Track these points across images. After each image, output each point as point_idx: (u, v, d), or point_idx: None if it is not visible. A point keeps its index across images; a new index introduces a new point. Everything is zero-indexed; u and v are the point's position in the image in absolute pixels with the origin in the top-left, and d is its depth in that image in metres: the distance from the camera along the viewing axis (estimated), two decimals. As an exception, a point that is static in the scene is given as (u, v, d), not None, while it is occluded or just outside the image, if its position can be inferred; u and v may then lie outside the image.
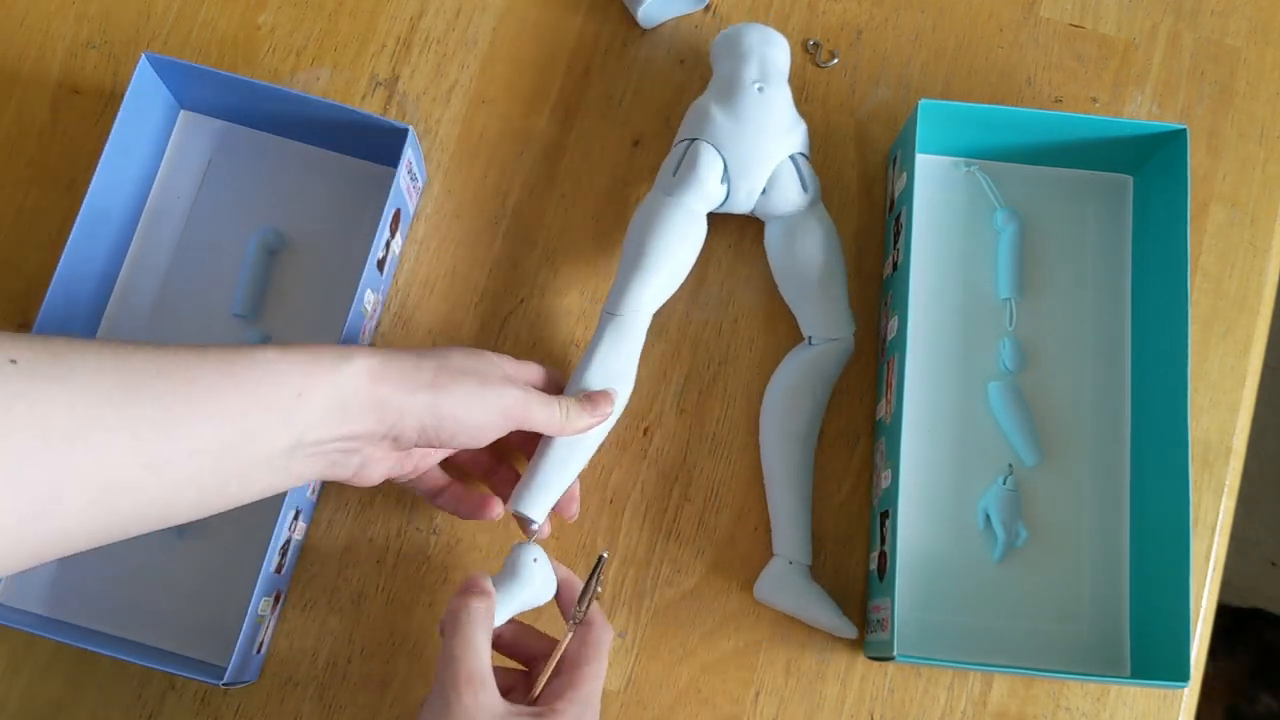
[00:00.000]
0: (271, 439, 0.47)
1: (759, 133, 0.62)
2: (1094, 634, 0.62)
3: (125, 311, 0.65)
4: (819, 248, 0.63)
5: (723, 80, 0.64)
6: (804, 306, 0.64)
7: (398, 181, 0.61)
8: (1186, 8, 0.71)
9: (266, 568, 0.56)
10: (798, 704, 0.62)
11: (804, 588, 0.61)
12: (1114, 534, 0.63)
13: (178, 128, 0.67)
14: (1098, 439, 0.65)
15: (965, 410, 0.65)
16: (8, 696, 0.60)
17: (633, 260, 0.61)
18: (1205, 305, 0.68)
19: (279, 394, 0.47)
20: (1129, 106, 0.70)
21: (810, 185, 0.63)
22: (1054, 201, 0.68)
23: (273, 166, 0.67)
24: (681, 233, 0.61)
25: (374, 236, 0.59)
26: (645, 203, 0.62)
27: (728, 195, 0.62)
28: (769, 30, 0.65)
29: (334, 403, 0.49)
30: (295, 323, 0.65)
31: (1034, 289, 0.67)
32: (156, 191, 0.66)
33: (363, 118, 0.62)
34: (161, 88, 0.64)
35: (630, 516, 0.64)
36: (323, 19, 0.70)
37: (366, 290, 0.60)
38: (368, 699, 0.61)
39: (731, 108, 0.62)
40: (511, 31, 0.70)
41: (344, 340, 0.58)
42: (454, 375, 0.53)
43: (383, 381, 0.50)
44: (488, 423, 0.54)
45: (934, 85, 0.70)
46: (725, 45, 0.65)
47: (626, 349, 0.61)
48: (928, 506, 0.63)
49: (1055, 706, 0.62)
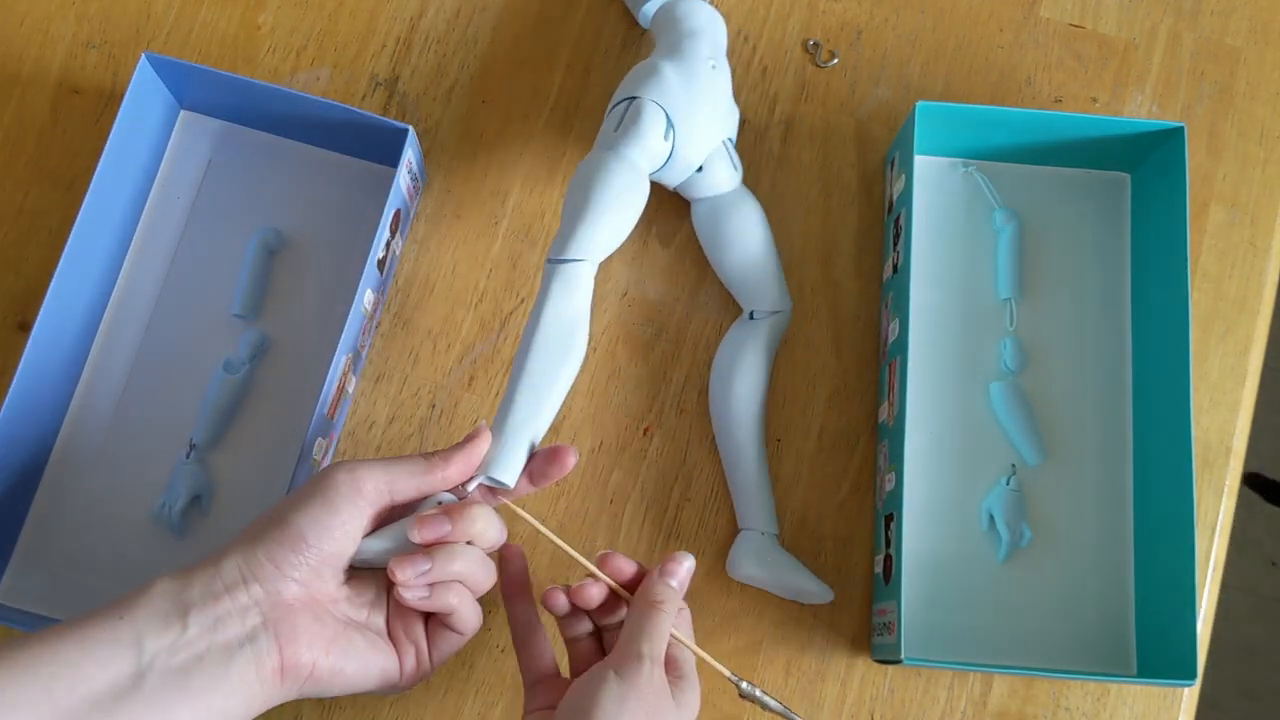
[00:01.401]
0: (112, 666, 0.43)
1: (711, 108, 0.62)
2: (1099, 633, 0.62)
3: (125, 312, 0.65)
4: (755, 226, 0.64)
5: (673, 48, 0.63)
6: (743, 283, 0.64)
7: (398, 181, 0.61)
8: (1186, 8, 0.71)
9: None
10: (798, 704, 0.62)
11: (776, 557, 0.61)
12: (1118, 532, 0.63)
13: (178, 128, 0.67)
14: (1100, 438, 0.65)
15: (967, 411, 0.65)
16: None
17: (577, 209, 0.58)
18: (1205, 305, 0.67)
19: (94, 634, 0.44)
20: (1129, 106, 0.70)
21: (739, 167, 0.64)
22: (1052, 201, 0.68)
23: (273, 166, 0.67)
24: (626, 183, 0.58)
25: (374, 236, 0.59)
26: (586, 159, 0.60)
27: (670, 158, 0.61)
28: (716, 12, 0.66)
29: (168, 602, 0.45)
30: (295, 323, 0.65)
31: (1034, 289, 0.67)
32: (156, 191, 0.66)
33: (363, 118, 0.62)
34: (161, 88, 0.64)
35: (630, 516, 0.64)
36: (323, 19, 0.70)
37: (366, 290, 0.60)
38: (368, 699, 0.61)
39: (687, 77, 0.61)
40: (511, 31, 0.70)
41: (343, 340, 0.58)
42: (294, 515, 0.47)
43: (206, 566, 0.47)
44: (353, 527, 0.48)
45: (934, 85, 0.70)
46: (673, 13, 0.65)
47: (579, 298, 0.57)
48: (932, 508, 0.63)
49: (1055, 706, 0.62)
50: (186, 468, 0.62)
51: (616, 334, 0.66)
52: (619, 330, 0.66)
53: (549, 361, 0.55)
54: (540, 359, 0.55)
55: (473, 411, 0.65)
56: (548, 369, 0.55)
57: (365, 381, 0.65)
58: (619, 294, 0.67)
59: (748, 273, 0.64)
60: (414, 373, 0.65)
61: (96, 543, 0.62)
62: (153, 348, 0.64)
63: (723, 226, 0.64)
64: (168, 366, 0.64)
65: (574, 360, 0.56)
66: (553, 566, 0.63)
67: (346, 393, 0.62)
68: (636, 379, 0.66)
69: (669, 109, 0.60)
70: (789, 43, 0.70)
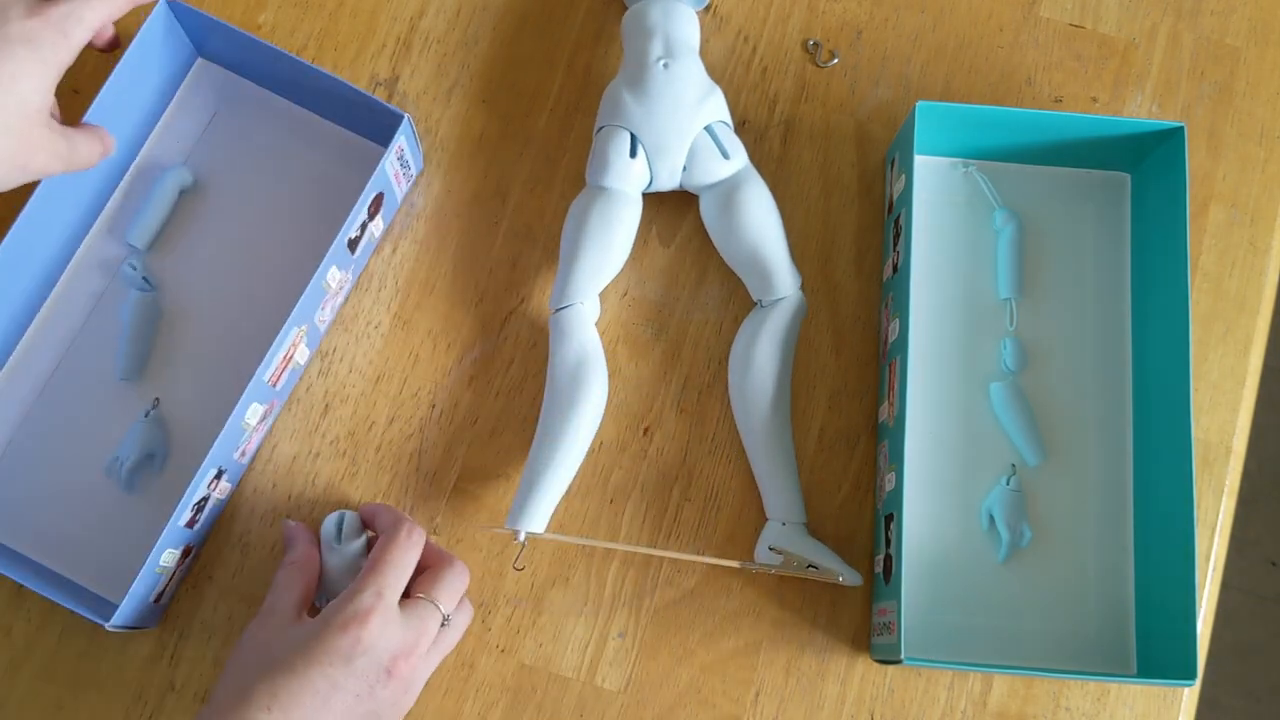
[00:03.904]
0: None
1: (672, 109, 0.62)
2: (1100, 633, 0.62)
3: (103, 251, 0.66)
4: (751, 211, 0.63)
5: (630, 61, 0.64)
6: (747, 271, 0.64)
7: (384, 165, 0.61)
8: (1186, 8, 0.71)
9: (174, 520, 0.56)
10: (798, 704, 0.62)
11: (805, 546, 0.61)
12: (1118, 532, 0.63)
13: (191, 75, 0.68)
14: (1100, 437, 0.65)
15: (967, 411, 0.65)
16: (7, 698, 0.60)
17: (563, 255, 0.63)
18: (1205, 305, 0.68)
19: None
20: (1129, 106, 0.70)
21: (732, 151, 0.63)
22: (1052, 201, 0.68)
23: (275, 129, 0.68)
24: (601, 216, 0.62)
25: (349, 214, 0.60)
26: (575, 200, 0.64)
27: (651, 174, 0.63)
28: (672, 4, 0.65)
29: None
30: (265, 287, 0.65)
31: (1034, 289, 0.67)
32: (158, 133, 0.67)
33: (365, 98, 0.62)
34: (179, 31, 0.65)
35: (630, 516, 0.64)
36: (323, 19, 0.70)
37: (331, 266, 0.60)
38: (368, 699, 0.61)
39: (639, 89, 0.63)
40: (511, 31, 0.70)
41: (296, 312, 0.58)
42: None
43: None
44: None
45: (934, 85, 0.70)
46: (631, 24, 0.65)
47: (579, 339, 0.61)
48: (932, 508, 0.63)
49: (1055, 706, 0.62)
50: (144, 425, 0.62)
51: (616, 334, 0.66)
52: (619, 330, 0.66)
53: (561, 410, 0.60)
54: (553, 410, 0.60)
55: (473, 411, 0.65)
56: (562, 418, 0.60)
57: (365, 382, 0.65)
58: (619, 294, 0.67)
59: (748, 260, 0.63)
60: (414, 373, 0.65)
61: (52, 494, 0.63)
62: (115, 297, 0.65)
63: (724, 215, 0.63)
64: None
65: (588, 400, 0.60)
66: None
67: (297, 364, 0.63)
68: (636, 379, 0.66)
69: (630, 127, 0.62)
70: (789, 43, 0.70)
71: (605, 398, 0.61)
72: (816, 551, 0.61)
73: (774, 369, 0.62)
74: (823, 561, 0.60)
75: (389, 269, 0.67)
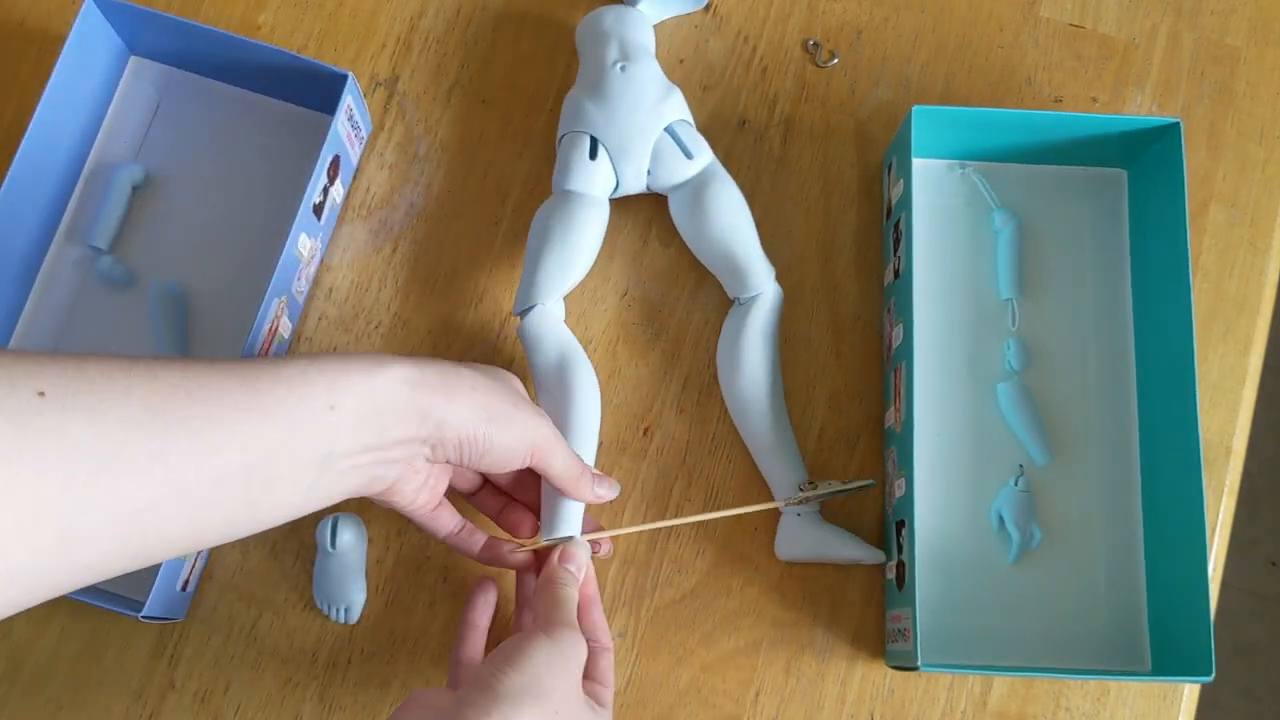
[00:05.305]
0: (302, 457, 0.46)
1: (630, 112, 0.62)
2: (1113, 631, 0.62)
3: (68, 256, 0.66)
4: (719, 209, 0.63)
5: (587, 68, 0.65)
6: (720, 270, 0.64)
7: (335, 127, 0.61)
8: (1186, 8, 0.71)
9: None
10: (798, 704, 0.62)
11: (821, 532, 0.61)
12: (1128, 529, 0.63)
13: (127, 73, 0.68)
14: (1106, 435, 0.65)
15: (974, 413, 0.65)
16: (8, 697, 0.60)
17: (528, 257, 0.63)
18: (1205, 305, 0.68)
19: (309, 410, 0.46)
20: (1129, 106, 0.70)
21: (695, 150, 0.63)
22: (1050, 200, 0.68)
23: (221, 114, 0.68)
24: (563, 220, 0.62)
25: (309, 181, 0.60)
26: None
27: (617, 177, 0.63)
28: (624, 9, 0.66)
29: (368, 412, 0.47)
30: (236, 269, 0.65)
31: (1035, 288, 0.67)
32: (103, 136, 0.67)
33: (305, 63, 0.62)
34: (110, 31, 0.65)
35: (630, 516, 0.64)
36: (323, 19, 0.70)
37: (301, 234, 0.60)
38: (368, 699, 0.61)
39: (598, 94, 0.63)
40: (511, 31, 0.70)
41: (274, 283, 0.58)
42: (493, 391, 0.52)
43: (422, 389, 0.49)
44: (519, 449, 0.53)
45: (934, 85, 0.70)
46: (585, 31, 0.66)
47: (552, 337, 0.61)
48: (941, 511, 0.63)
49: (1055, 706, 0.62)
50: None
51: (616, 334, 0.66)
52: (619, 330, 0.66)
53: (561, 410, 0.60)
54: (552, 412, 0.60)
55: (473, 411, 0.65)
56: (563, 418, 0.60)
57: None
58: (619, 294, 0.67)
59: (720, 258, 0.63)
60: (414, 373, 0.65)
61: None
62: (91, 299, 0.65)
63: (692, 215, 0.63)
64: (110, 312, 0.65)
65: (580, 392, 0.60)
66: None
67: (281, 337, 0.63)
68: (636, 379, 0.66)
69: (590, 130, 0.63)
70: (789, 43, 0.70)
71: (598, 386, 0.61)
72: (837, 539, 0.61)
73: (763, 366, 0.62)
74: (844, 551, 0.61)
75: (389, 269, 0.67)
